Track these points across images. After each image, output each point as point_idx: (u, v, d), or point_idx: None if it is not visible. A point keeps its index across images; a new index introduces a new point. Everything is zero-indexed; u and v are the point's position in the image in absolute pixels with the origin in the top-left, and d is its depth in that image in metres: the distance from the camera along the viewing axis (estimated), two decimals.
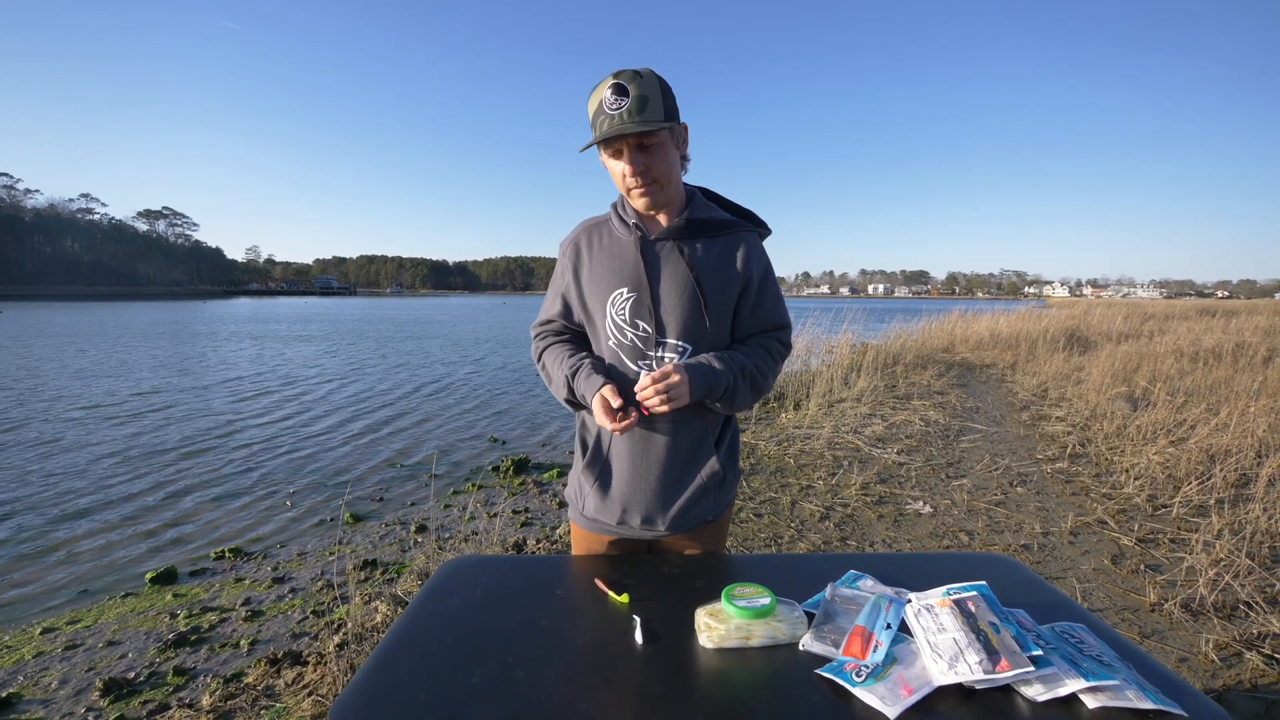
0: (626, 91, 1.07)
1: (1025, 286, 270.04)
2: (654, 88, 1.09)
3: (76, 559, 3.58)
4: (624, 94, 1.07)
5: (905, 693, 0.81)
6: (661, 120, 1.09)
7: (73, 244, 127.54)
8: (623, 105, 1.07)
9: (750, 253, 1.23)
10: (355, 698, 0.85)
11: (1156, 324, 15.18)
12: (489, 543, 3.26)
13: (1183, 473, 3.93)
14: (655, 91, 1.09)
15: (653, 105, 1.08)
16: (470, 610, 1.08)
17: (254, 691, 2.16)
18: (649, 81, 1.09)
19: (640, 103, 1.07)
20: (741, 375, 1.18)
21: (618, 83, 1.07)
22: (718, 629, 0.95)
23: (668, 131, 1.13)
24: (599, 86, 1.10)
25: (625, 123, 1.06)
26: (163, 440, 6.34)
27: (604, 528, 1.29)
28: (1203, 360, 8.03)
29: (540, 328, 1.36)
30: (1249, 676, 2.06)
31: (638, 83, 1.08)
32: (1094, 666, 0.84)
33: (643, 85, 1.08)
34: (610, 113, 1.07)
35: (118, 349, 15.51)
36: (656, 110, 1.09)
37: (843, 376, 7.56)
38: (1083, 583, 2.73)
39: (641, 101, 1.07)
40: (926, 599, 0.96)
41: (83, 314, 34.91)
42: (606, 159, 1.17)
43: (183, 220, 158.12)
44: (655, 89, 1.10)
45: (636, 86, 1.08)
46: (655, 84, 1.10)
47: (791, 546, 3.15)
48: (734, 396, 1.19)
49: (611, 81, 1.08)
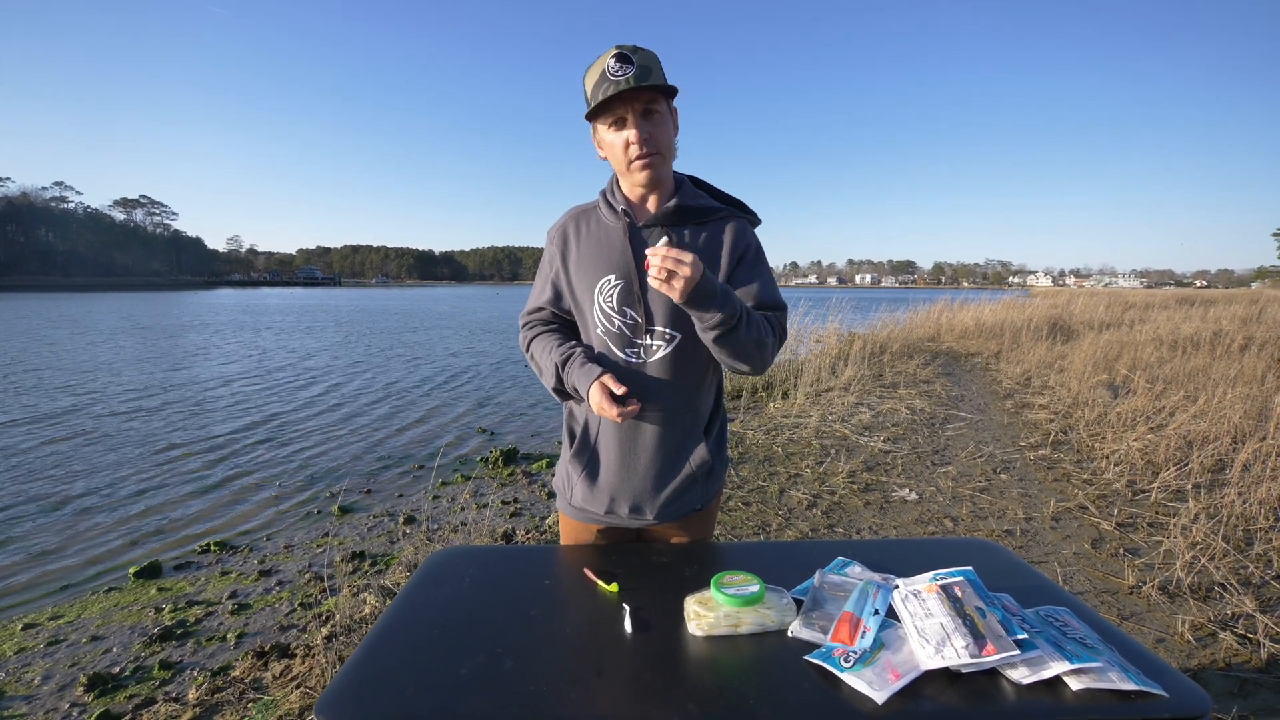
0: (630, 60, 1.07)
1: (1010, 276, 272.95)
2: (655, 60, 1.11)
3: (58, 553, 3.52)
4: (628, 62, 1.07)
5: (893, 677, 0.82)
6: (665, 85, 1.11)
7: (47, 234, 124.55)
8: (628, 72, 1.07)
9: (739, 236, 1.22)
10: (342, 690, 0.85)
11: (1137, 313, 15.42)
12: (478, 534, 3.25)
13: (1161, 459, 4.01)
14: (657, 63, 1.11)
15: (656, 74, 1.10)
16: (459, 601, 1.08)
17: (241, 684, 2.14)
18: (649, 54, 1.11)
19: (644, 71, 1.08)
20: (749, 315, 1.11)
21: (621, 52, 1.08)
22: (707, 617, 0.95)
23: (667, 104, 1.15)
24: (599, 60, 1.10)
25: (632, 85, 1.07)
26: (147, 432, 6.23)
27: (592, 517, 1.28)
28: (1181, 349, 8.17)
29: (529, 316, 1.34)
30: (1223, 656, 2.11)
31: (640, 53, 1.09)
32: (1077, 649, 0.86)
33: (645, 56, 1.10)
34: (615, 78, 1.07)
35: (99, 341, 15.21)
36: (660, 79, 1.10)
37: (830, 366, 7.60)
38: (1064, 566, 2.78)
39: (645, 70, 1.08)
40: (913, 584, 0.97)
41: (59, 305, 34.15)
42: (606, 132, 1.15)
43: (161, 209, 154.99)
44: (656, 61, 1.12)
45: (640, 56, 1.09)
46: (655, 58, 1.12)
47: (779, 534, 3.18)
48: (737, 328, 1.07)
49: (614, 52, 1.08)
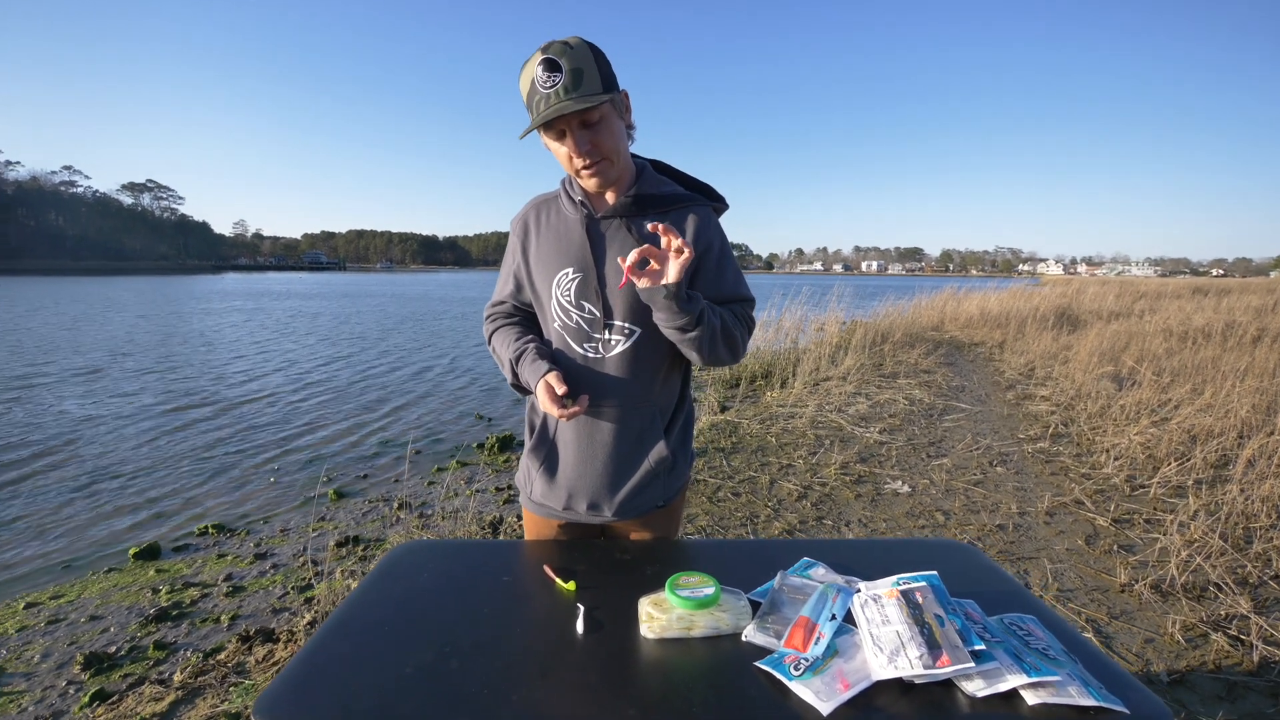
0: (559, 66, 0.97)
1: (1020, 264, 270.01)
2: (587, 58, 1.00)
3: (60, 533, 3.57)
4: (556, 69, 0.97)
5: (842, 687, 0.79)
6: (601, 93, 1.00)
7: (57, 218, 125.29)
8: (557, 82, 0.97)
9: (701, 227, 1.16)
10: (283, 688, 0.83)
11: (1148, 303, 15.21)
12: (467, 520, 3.26)
13: (1163, 453, 3.95)
14: (589, 62, 1.00)
15: (589, 77, 0.99)
16: (413, 597, 1.06)
17: (224, 669, 2.16)
18: (580, 52, 1.00)
19: (575, 76, 0.98)
20: (712, 312, 1.10)
21: (547, 58, 0.98)
22: (659, 619, 0.93)
23: (609, 103, 1.04)
24: (529, 63, 1.00)
25: (563, 100, 0.98)
26: (148, 415, 6.29)
27: (551, 512, 1.26)
28: (1191, 340, 8.05)
29: (492, 309, 1.31)
30: (1213, 658, 2.08)
31: (569, 55, 0.98)
32: (1038, 660, 0.83)
33: (574, 57, 0.99)
34: (545, 91, 0.98)
35: (112, 323, 15.34)
36: (594, 82, 1.00)
37: (830, 354, 7.54)
38: (1055, 563, 2.75)
39: (576, 75, 0.98)
40: (875, 589, 0.94)
41: (76, 289, 34.46)
42: (549, 142, 1.08)
43: (168, 194, 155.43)
44: (589, 59, 1.00)
45: (568, 59, 0.98)
46: (588, 53, 1.00)
47: (767, 525, 3.16)
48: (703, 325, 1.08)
49: (540, 58, 0.98)
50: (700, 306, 1.07)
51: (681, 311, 1.04)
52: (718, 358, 1.14)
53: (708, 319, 1.08)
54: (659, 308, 1.05)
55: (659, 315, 1.07)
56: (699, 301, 1.07)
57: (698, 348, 1.11)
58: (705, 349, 1.11)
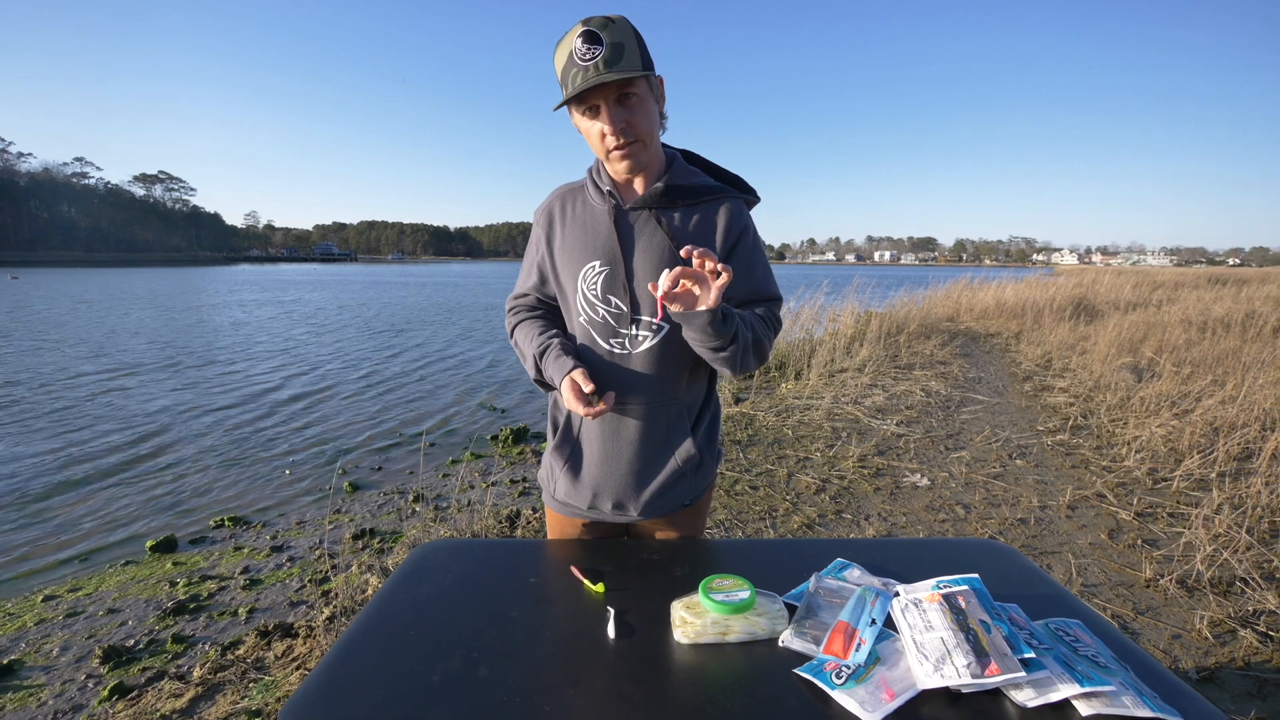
0: (599, 39, 0.95)
1: (1034, 254, 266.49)
2: (629, 34, 0.98)
3: (78, 526, 3.61)
4: (597, 42, 0.95)
5: (887, 696, 0.76)
6: (639, 68, 0.97)
7: (69, 209, 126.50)
8: (597, 55, 0.95)
9: (733, 219, 1.13)
10: (309, 696, 0.82)
11: (1166, 293, 14.95)
12: (483, 514, 3.25)
13: (1185, 446, 3.87)
14: (630, 38, 0.98)
15: (629, 54, 0.97)
16: (440, 599, 1.04)
17: (244, 664, 2.16)
18: (622, 28, 0.98)
19: (616, 50, 0.96)
20: (745, 325, 1.06)
21: (588, 30, 0.96)
22: (693, 624, 0.90)
23: (646, 83, 1.02)
24: (566, 37, 0.99)
25: (602, 73, 0.95)
26: (165, 408, 6.34)
27: (576, 511, 1.24)
28: (1211, 330, 7.90)
29: (514, 301, 1.28)
30: (1242, 654, 2.04)
31: (610, 29, 0.96)
32: (1089, 669, 0.80)
33: (616, 32, 0.97)
34: (583, 64, 0.96)
35: (130, 315, 15.49)
36: (634, 59, 0.97)
37: (845, 346, 7.47)
38: (1078, 558, 2.70)
39: (617, 49, 0.96)
40: (915, 592, 0.91)
41: (94, 280, 34.80)
42: (581, 119, 1.05)
43: (180, 185, 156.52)
44: (630, 35, 0.98)
45: (609, 33, 0.96)
46: (630, 30, 0.99)
47: (786, 519, 3.13)
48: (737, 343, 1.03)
49: (581, 29, 0.96)
50: (735, 326, 1.02)
51: (717, 334, 1.00)
52: (746, 368, 1.09)
53: (741, 335, 1.03)
54: (694, 328, 1.00)
55: (691, 335, 1.02)
56: (734, 321, 1.02)
57: (729, 364, 1.07)
58: (736, 364, 1.06)
